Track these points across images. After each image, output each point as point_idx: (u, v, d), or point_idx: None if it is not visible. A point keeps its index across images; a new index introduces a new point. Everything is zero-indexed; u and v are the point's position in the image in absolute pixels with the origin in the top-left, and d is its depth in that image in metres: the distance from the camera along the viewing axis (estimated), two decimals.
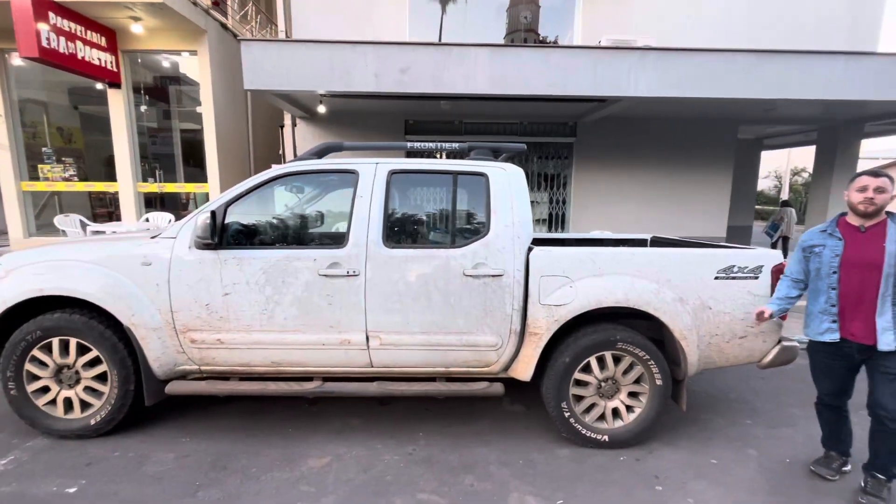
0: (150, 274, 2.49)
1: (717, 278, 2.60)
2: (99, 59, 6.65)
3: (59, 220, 6.44)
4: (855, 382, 2.31)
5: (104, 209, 8.55)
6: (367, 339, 2.55)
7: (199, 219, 2.36)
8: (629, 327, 2.60)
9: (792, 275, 2.39)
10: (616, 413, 2.66)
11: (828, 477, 2.37)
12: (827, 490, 2.31)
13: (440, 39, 7.70)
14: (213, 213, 2.39)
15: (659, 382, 2.59)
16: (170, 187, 7.81)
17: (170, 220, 7.24)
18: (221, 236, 2.49)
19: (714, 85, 5.60)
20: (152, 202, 8.16)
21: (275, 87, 5.35)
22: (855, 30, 7.85)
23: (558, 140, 8.04)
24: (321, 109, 6.74)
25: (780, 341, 2.70)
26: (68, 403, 2.56)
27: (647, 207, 8.17)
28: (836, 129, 8.21)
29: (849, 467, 2.41)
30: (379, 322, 2.54)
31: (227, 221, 2.56)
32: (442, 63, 5.37)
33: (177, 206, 8.25)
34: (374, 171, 2.64)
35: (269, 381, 2.63)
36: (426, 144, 2.85)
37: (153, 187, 7.69)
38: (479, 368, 2.66)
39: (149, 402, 2.54)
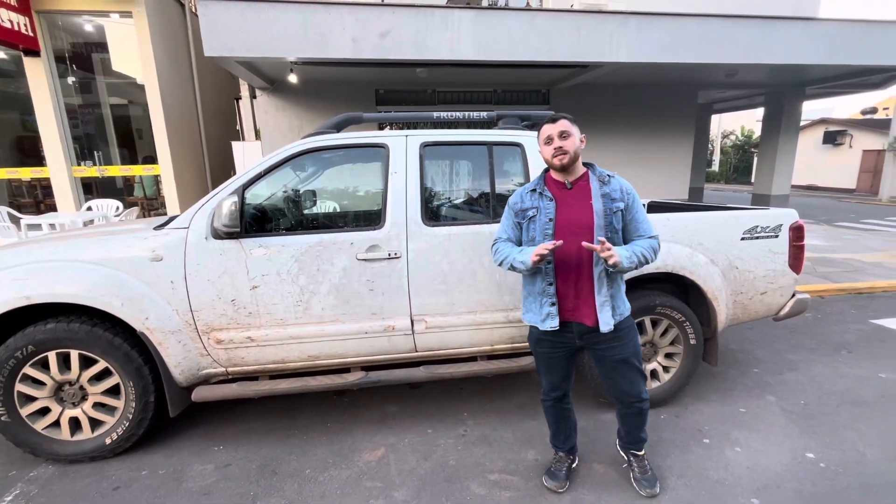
0: (162, 271, 2.18)
1: (742, 239, 2.72)
2: (10, 22, 5.63)
3: None
4: (574, 366, 2.02)
5: (27, 199, 7.50)
6: (412, 323, 2.42)
7: (224, 205, 2.06)
8: (655, 291, 2.66)
9: (509, 237, 1.95)
10: (654, 374, 2.75)
11: (558, 490, 2.03)
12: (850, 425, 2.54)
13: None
14: (240, 198, 2.11)
15: (693, 342, 2.70)
16: (113, 170, 6.94)
17: (117, 208, 6.46)
18: (241, 223, 2.21)
19: (690, 50, 5.74)
20: (90, 188, 7.24)
21: (241, 54, 4.80)
22: None
23: (532, 109, 7.99)
24: (292, 79, 6.18)
25: (793, 294, 2.90)
26: (75, 423, 2.24)
27: (618, 172, 8.41)
28: (781, 93, 8.80)
29: (576, 462, 2.18)
30: (424, 305, 2.41)
31: (243, 206, 2.28)
32: (424, 27, 5.05)
33: (110, 191, 7.35)
34: (404, 144, 2.45)
35: (307, 376, 2.45)
36: (454, 114, 2.67)
37: (92, 171, 6.80)
38: (523, 344, 2.63)
39: (173, 413, 2.28)
